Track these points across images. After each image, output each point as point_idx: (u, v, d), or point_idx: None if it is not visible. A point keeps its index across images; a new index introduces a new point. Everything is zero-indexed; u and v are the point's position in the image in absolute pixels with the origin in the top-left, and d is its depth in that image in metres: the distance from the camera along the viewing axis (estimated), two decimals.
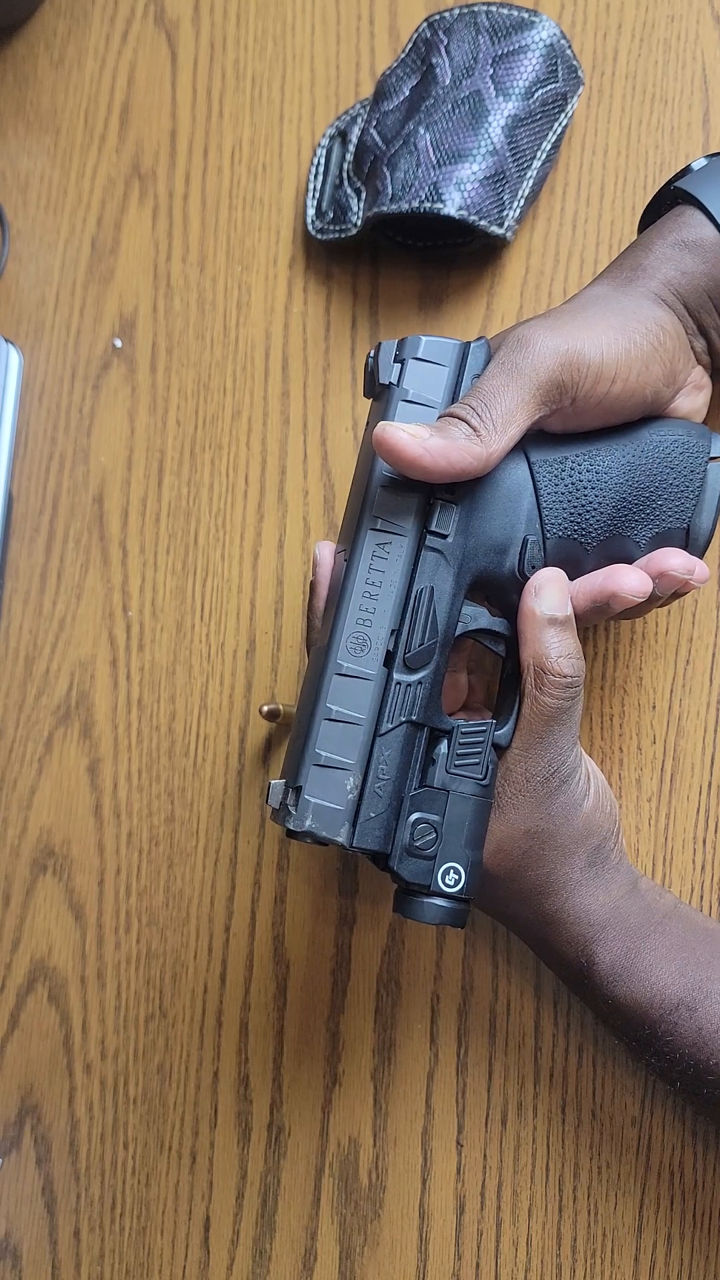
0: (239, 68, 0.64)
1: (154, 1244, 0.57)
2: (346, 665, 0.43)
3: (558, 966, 0.48)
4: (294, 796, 0.42)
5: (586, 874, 0.46)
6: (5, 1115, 0.59)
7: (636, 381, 0.44)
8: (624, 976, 0.45)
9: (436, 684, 0.43)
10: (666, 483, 0.46)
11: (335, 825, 0.42)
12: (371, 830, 0.42)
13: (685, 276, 0.46)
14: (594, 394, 0.44)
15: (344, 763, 0.42)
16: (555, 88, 0.56)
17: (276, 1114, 0.56)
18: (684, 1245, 0.51)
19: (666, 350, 0.45)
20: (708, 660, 0.54)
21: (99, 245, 0.65)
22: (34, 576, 0.63)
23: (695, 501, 0.46)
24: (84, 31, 0.67)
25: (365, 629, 0.43)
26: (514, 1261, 0.53)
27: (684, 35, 0.59)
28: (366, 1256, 0.54)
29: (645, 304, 0.45)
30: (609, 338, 0.44)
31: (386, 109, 0.58)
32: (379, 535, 0.43)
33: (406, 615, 0.43)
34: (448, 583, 0.43)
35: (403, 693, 0.43)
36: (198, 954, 0.58)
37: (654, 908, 0.47)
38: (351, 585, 0.43)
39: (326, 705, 0.43)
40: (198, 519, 0.61)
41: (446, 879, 0.42)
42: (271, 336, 0.62)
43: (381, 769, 0.42)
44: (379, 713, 0.43)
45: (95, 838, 0.60)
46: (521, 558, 0.44)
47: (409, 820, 0.43)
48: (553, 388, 0.43)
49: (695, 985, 0.45)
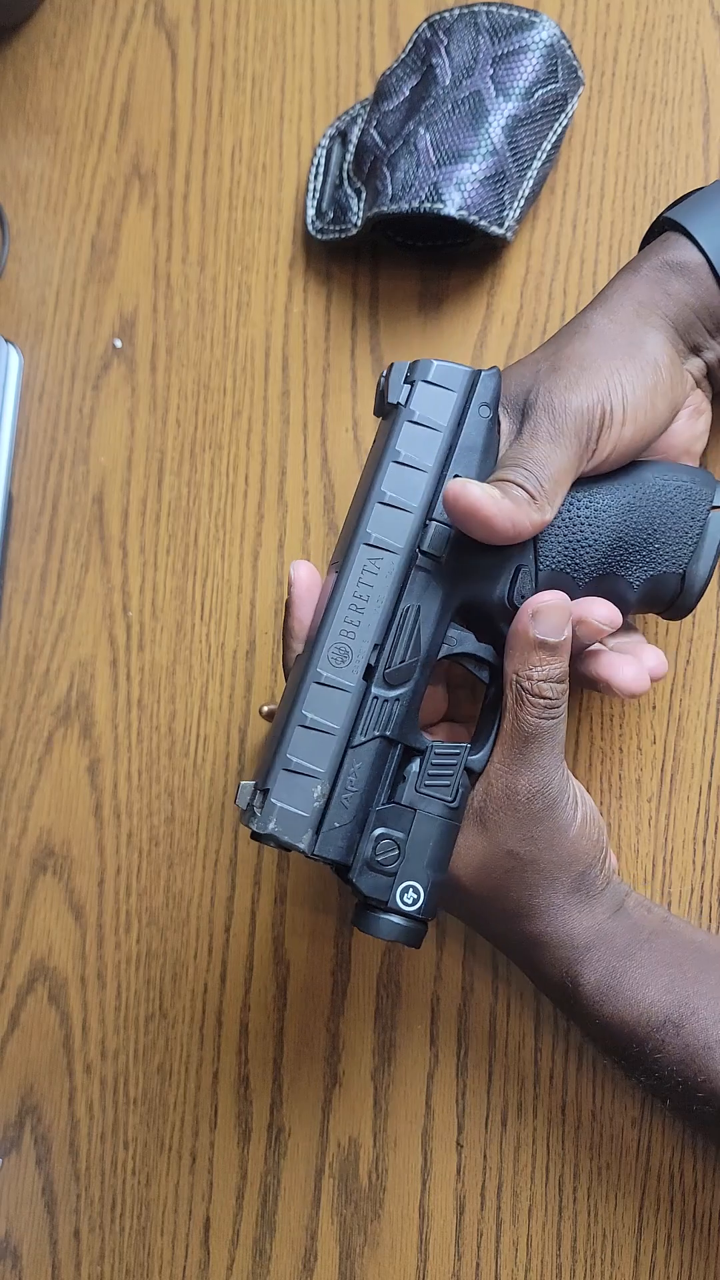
0: (239, 68, 0.64)
1: (154, 1244, 0.57)
2: (326, 674, 0.43)
3: (544, 986, 0.48)
4: (260, 799, 0.42)
5: (570, 899, 0.45)
6: (5, 1115, 0.59)
7: (646, 420, 0.45)
8: (610, 996, 0.45)
9: (415, 702, 0.44)
10: (665, 527, 0.46)
11: (298, 831, 0.42)
12: (334, 840, 0.42)
13: (670, 298, 0.46)
14: (610, 440, 0.44)
15: (314, 770, 0.42)
16: (555, 88, 0.56)
17: (276, 1114, 0.56)
18: (684, 1246, 0.51)
19: (665, 383, 0.45)
20: (708, 660, 0.54)
21: (99, 245, 0.65)
22: (34, 576, 0.63)
23: (694, 548, 0.46)
24: (84, 31, 0.67)
25: (348, 640, 0.43)
26: (514, 1262, 0.53)
27: (684, 35, 0.59)
28: (366, 1256, 0.54)
29: (638, 336, 0.46)
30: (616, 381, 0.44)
31: (386, 109, 0.58)
32: (371, 550, 0.43)
33: (391, 631, 0.43)
34: (435, 603, 0.44)
35: (379, 708, 0.43)
36: (198, 954, 0.58)
37: (641, 925, 0.46)
38: (339, 596, 0.43)
39: (302, 712, 0.43)
40: (198, 519, 0.61)
41: (405, 897, 0.43)
42: (271, 336, 0.62)
43: (350, 780, 0.42)
44: (353, 725, 0.43)
45: (95, 838, 0.60)
46: (512, 586, 0.45)
47: (373, 834, 0.43)
48: (589, 448, 0.44)
49: (682, 1002, 0.44)
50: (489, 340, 0.59)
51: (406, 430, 0.44)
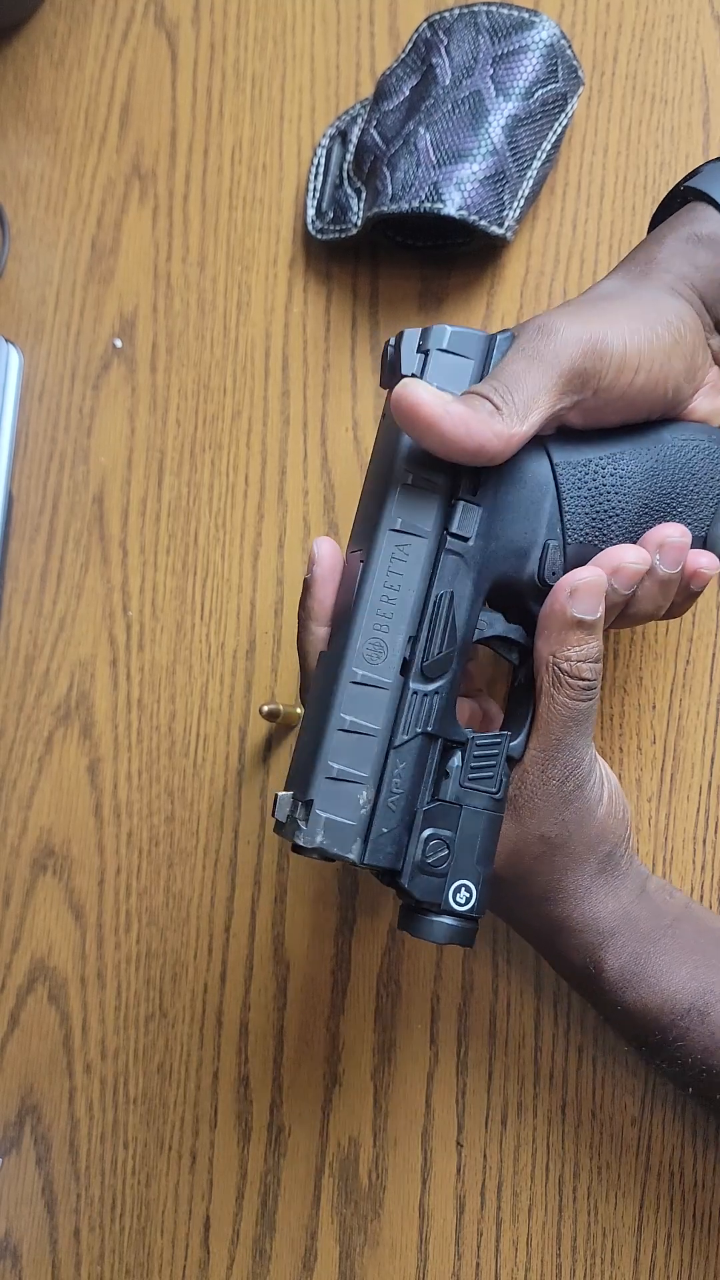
0: (239, 68, 0.64)
1: (154, 1244, 0.57)
2: (362, 673, 0.40)
3: (566, 972, 0.48)
4: (304, 811, 0.40)
5: (596, 881, 0.45)
6: (5, 1115, 0.59)
7: (659, 373, 0.43)
8: (633, 982, 0.45)
9: (452, 694, 0.41)
10: (687, 489, 0.44)
11: (347, 841, 0.39)
12: (383, 847, 0.40)
13: (699, 271, 0.45)
14: (617, 385, 0.42)
15: (358, 776, 0.40)
16: (555, 88, 0.56)
17: (276, 1114, 0.56)
18: (684, 1245, 0.51)
19: (687, 344, 0.44)
20: (708, 660, 0.54)
21: (99, 245, 0.65)
22: (34, 576, 0.63)
23: (714, 509, 0.45)
24: (84, 31, 0.67)
25: (382, 635, 0.40)
26: (514, 1261, 0.53)
27: (684, 35, 0.59)
28: (366, 1256, 0.54)
29: (663, 296, 0.44)
30: (631, 327, 0.42)
31: (386, 109, 0.58)
32: (399, 536, 0.41)
33: (425, 621, 0.41)
34: (467, 588, 0.41)
35: (419, 703, 0.40)
36: (198, 954, 0.58)
37: (664, 910, 0.46)
38: (369, 588, 0.41)
39: (340, 715, 0.40)
40: (198, 519, 0.61)
41: (458, 897, 0.40)
42: (271, 336, 0.62)
43: (395, 782, 0.40)
44: (394, 724, 0.40)
45: (95, 838, 0.60)
46: (542, 563, 0.42)
47: (422, 836, 0.40)
48: (575, 376, 0.41)
49: (707, 989, 0.44)
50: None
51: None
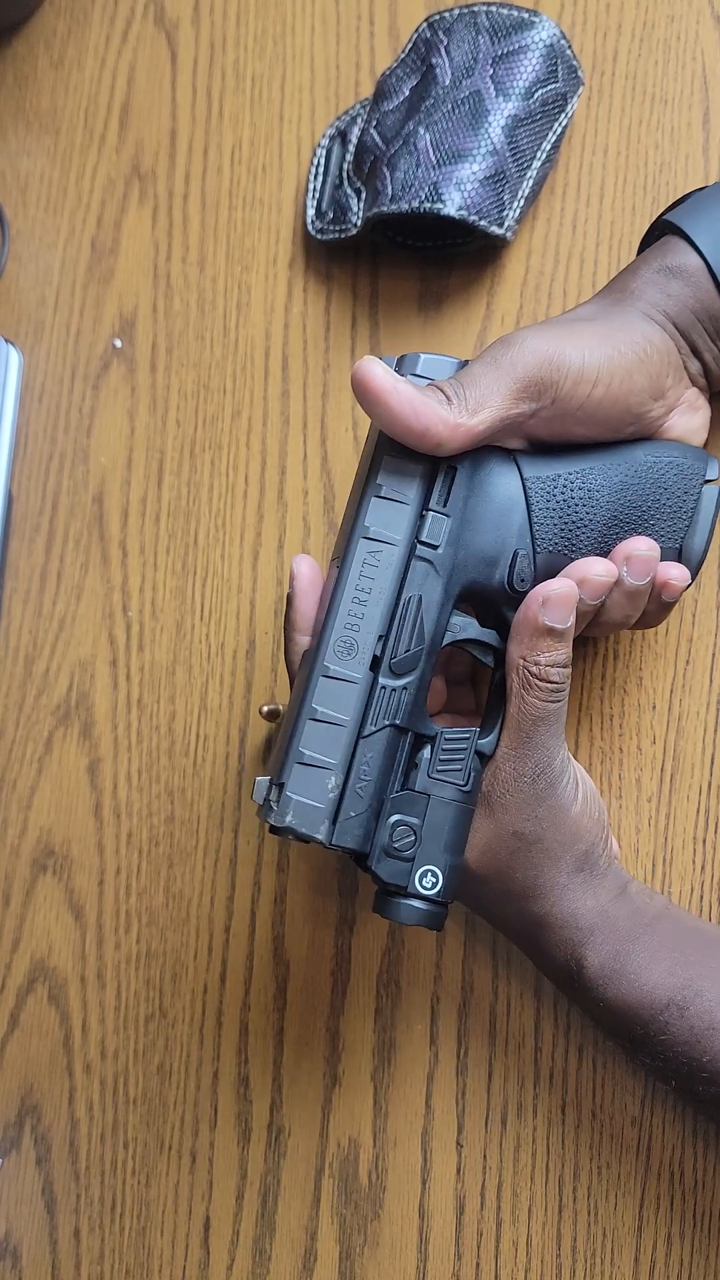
0: (239, 68, 0.64)
1: (154, 1244, 0.57)
2: (333, 668, 0.44)
3: (548, 969, 0.48)
4: (276, 793, 0.43)
5: (574, 879, 0.46)
6: (5, 1115, 0.59)
7: (620, 388, 0.45)
8: (614, 979, 0.45)
9: (422, 690, 0.44)
10: (659, 503, 0.46)
11: (315, 822, 0.43)
12: (351, 829, 0.43)
13: (670, 299, 0.47)
14: (575, 396, 0.44)
15: (327, 762, 0.43)
16: (555, 88, 0.56)
17: (276, 1114, 0.56)
18: (684, 1245, 0.51)
19: (653, 364, 0.46)
20: (708, 660, 0.54)
21: (99, 245, 0.65)
22: (34, 576, 0.62)
23: (689, 523, 0.47)
24: (84, 31, 0.67)
25: (353, 634, 0.44)
26: (514, 1261, 0.53)
27: (684, 35, 0.59)
28: (366, 1256, 0.54)
29: (634, 320, 0.46)
30: (593, 344, 0.45)
31: (386, 109, 0.58)
32: (371, 544, 0.44)
33: (394, 622, 0.44)
34: (436, 592, 0.44)
35: (388, 697, 0.44)
36: (198, 954, 0.58)
37: (643, 910, 0.47)
38: (343, 590, 0.44)
39: (312, 706, 0.43)
40: (198, 519, 0.61)
41: (423, 881, 0.43)
42: (271, 336, 0.62)
43: (363, 770, 0.43)
44: (363, 715, 0.44)
45: (95, 838, 0.60)
46: (511, 571, 0.45)
47: (388, 822, 0.43)
48: (532, 384, 0.44)
49: (686, 984, 0.45)
50: (489, 340, 0.59)
51: None
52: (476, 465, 0.45)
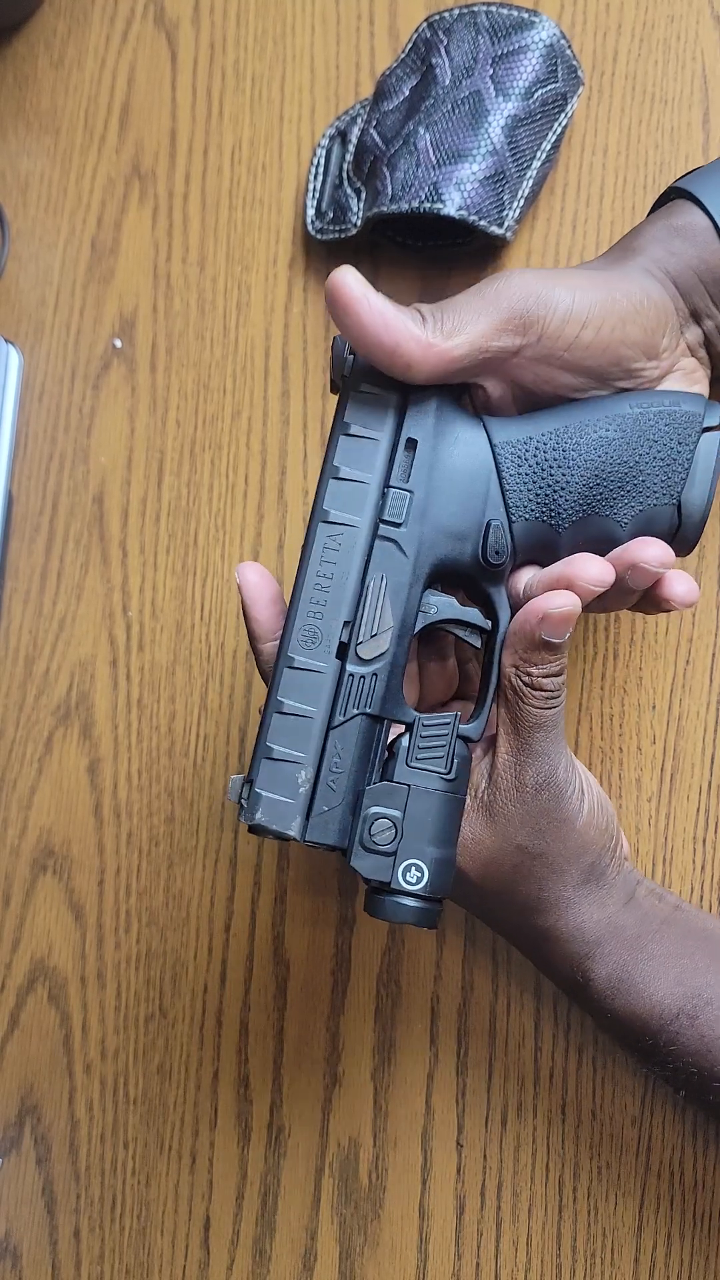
0: (239, 68, 0.64)
1: (154, 1244, 0.57)
2: (298, 659, 0.42)
3: (555, 980, 0.48)
4: (248, 790, 0.42)
5: (579, 892, 0.45)
6: (5, 1115, 0.59)
7: (610, 335, 0.43)
8: (621, 990, 0.45)
9: (395, 676, 0.42)
10: (649, 457, 0.44)
11: (287, 819, 0.41)
12: (325, 824, 0.41)
13: (675, 257, 0.46)
14: (562, 336, 0.43)
15: (296, 756, 0.41)
16: (555, 88, 0.56)
17: (276, 1114, 0.56)
18: (684, 1245, 0.51)
19: (648, 317, 0.44)
20: (708, 660, 0.54)
21: (99, 245, 0.65)
22: (34, 576, 0.63)
23: (684, 475, 0.44)
24: (84, 31, 0.67)
25: (316, 621, 0.42)
26: (514, 1261, 0.53)
27: (684, 35, 0.59)
28: (366, 1256, 0.54)
29: (634, 273, 0.45)
30: (586, 286, 0.43)
31: (386, 109, 0.58)
32: (330, 528, 0.42)
33: (359, 606, 0.42)
34: (404, 572, 0.42)
35: (357, 684, 0.42)
36: (198, 954, 0.58)
37: (651, 915, 0.46)
38: (303, 580, 0.42)
39: (278, 699, 0.42)
40: (198, 519, 0.61)
41: (408, 876, 0.41)
42: (271, 336, 0.62)
43: (335, 762, 0.41)
44: (333, 706, 0.42)
45: (95, 838, 0.60)
46: (485, 543, 0.43)
47: (366, 815, 0.41)
48: (515, 317, 0.42)
49: (695, 993, 0.44)
50: None
51: (355, 401, 0.43)
52: (440, 435, 0.43)
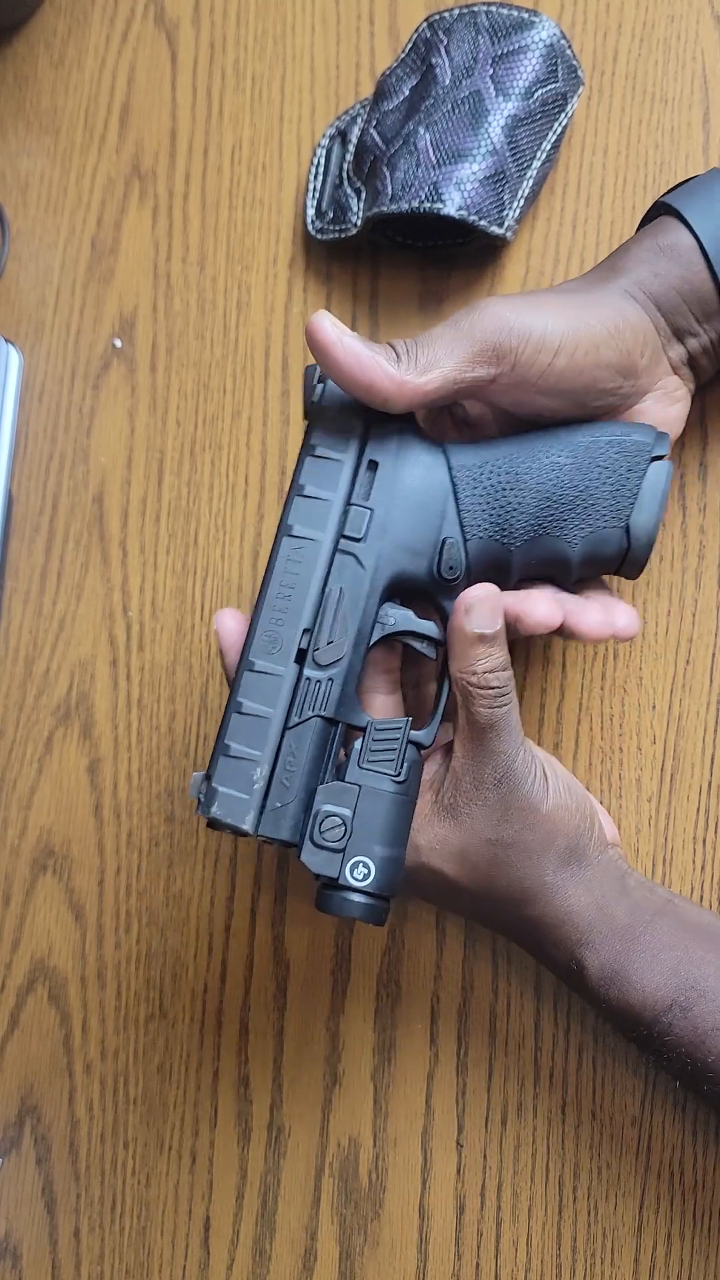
0: (239, 68, 0.64)
1: (154, 1244, 0.57)
2: (258, 663, 0.44)
3: (554, 970, 0.48)
4: (206, 786, 0.44)
5: (562, 874, 0.46)
6: (5, 1115, 0.59)
7: (584, 360, 0.44)
8: (615, 980, 0.45)
9: (350, 681, 0.45)
10: (598, 482, 0.46)
11: (240, 813, 0.43)
12: (278, 819, 0.43)
13: (658, 278, 0.46)
14: (536, 363, 0.44)
15: (252, 754, 0.44)
16: (555, 88, 0.56)
17: (276, 1114, 0.56)
18: (684, 1245, 0.51)
19: (624, 339, 0.45)
20: (708, 660, 0.54)
21: (99, 245, 0.65)
22: (34, 576, 0.63)
23: (633, 500, 0.46)
24: (84, 31, 0.67)
25: (278, 628, 0.44)
26: (514, 1261, 0.53)
27: (684, 35, 0.59)
28: (366, 1256, 0.54)
29: (611, 296, 0.46)
30: (559, 313, 0.44)
31: (386, 109, 0.58)
32: (294, 541, 0.45)
33: (318, 615, 0.44)
34: (362, 584, 0.45)
35: (313, 688, 0.44)
36: (198, 954, 0.58)
37: (643, 906, 0.46)
38: (266, 589, 0.45)
39: (238, 700, 0.44)
40: (198, 519, 0.61)
41: (355, 872, 0.43)
42: (271, 336, 0.62)
43: (289, 760, 0.44)
44: (290, 708, 0.44)
45: (95, 838, 0.60)
46: (440, 559, 0.45)
47: (317, 812, 0.43)
48: (489, 348, 0.43)
49: (689, 985, 0.44)
50: None
51: (320, 426, 0.45)
52: (401, 458, 0.45)
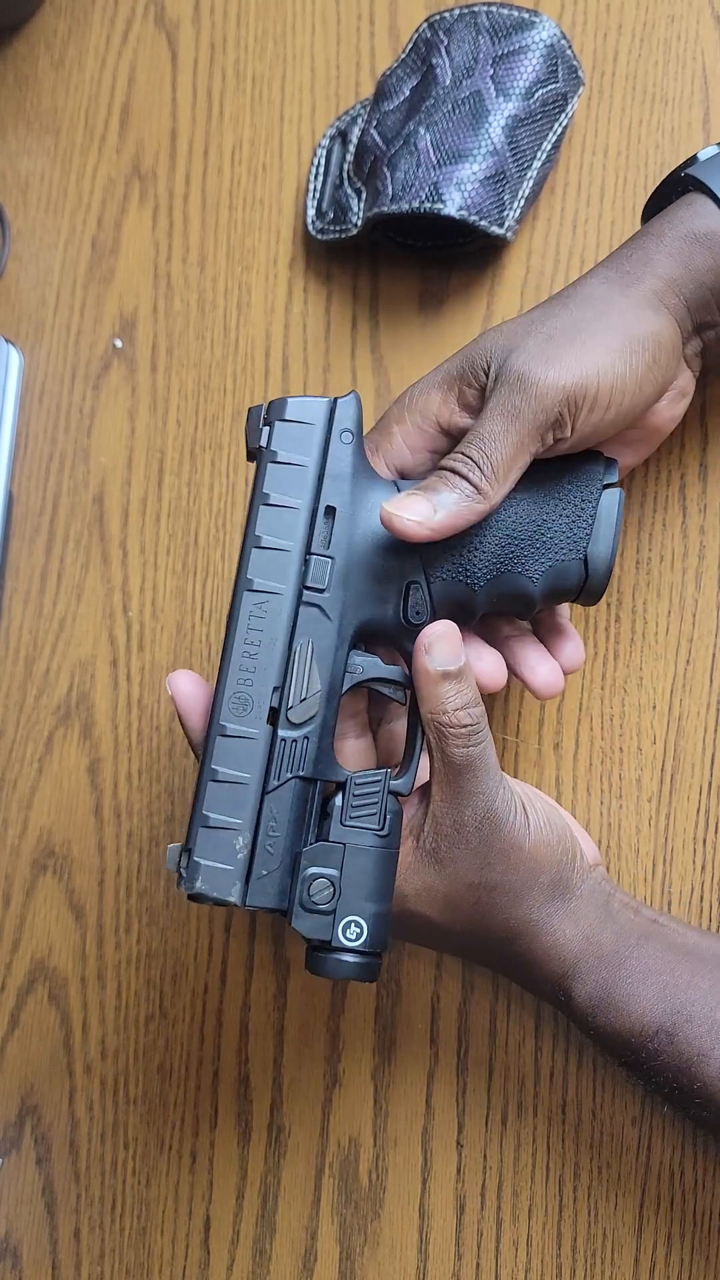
0: (239, 68, 0.64)
1: (154, 1244, 0.57)
2: (230, 726, 0.43)
3: (541, 999, 0.48)
4: (186, 859, 0.43)
5: (546, 910, 0.45)
6: (5, 1115, 0.59)
7: (630, 405, 0.43)
8: (602, 1008, 0.45)
9: (325, 737, 0.43)
10: (554, 514, 0.45)
11: (226, 886, 0.42)
12: (265, 888, 0.42)
13: (690, 273, 0.44)
14: (589, 423, 0.43)
15: (233, 823, 0.42)
16: (555, 88, 0.56)
17: (276, 1114, 0.56)
18: (684, 1245, 0.51)
19: (661, 366, 0.44)
20: (708, 660, 0.54)
21: (99, 245, 0.65)
22: (34, 576, 0.63)
23: (589, 531, 0.45)
24: (84, 31, 0.67)
25: (246, 689, 0.43)
26: (514, 1261, 0.53)
27: (684, 35, 0.59)
28: (366, 1256, 0.54)
29: (645, 313, 0.44)
30: (607, 361, 0.42)
31: (386, 109, 0.58)
32: (255, 595, 0.43)
33: (288, 671, 0.43)
34: (329, 635, 0.43)
35: (289, 749, 0.43)
36: (198, 954, 0.58)
37: (629, 930, 0.46)
38: (230, 647, 0.43)
39: (212, 768, 0.43)
40: (198, 519, 0.61)
41: (348, 933, 0.42)
42: (271, 336, 0.62)
43: (271, 826, 0.42)
44: (266, 770, 0.43)
45: (95, 838, 0.60)
46: (405, 604, 0.44)
47: (304, 876, 0.42)
48: (547, 426, 0.42)
49: (675, 1010, 0.44)
50: None
51: (272, 471, 0.44)
52: (358, 502, 0.44)
